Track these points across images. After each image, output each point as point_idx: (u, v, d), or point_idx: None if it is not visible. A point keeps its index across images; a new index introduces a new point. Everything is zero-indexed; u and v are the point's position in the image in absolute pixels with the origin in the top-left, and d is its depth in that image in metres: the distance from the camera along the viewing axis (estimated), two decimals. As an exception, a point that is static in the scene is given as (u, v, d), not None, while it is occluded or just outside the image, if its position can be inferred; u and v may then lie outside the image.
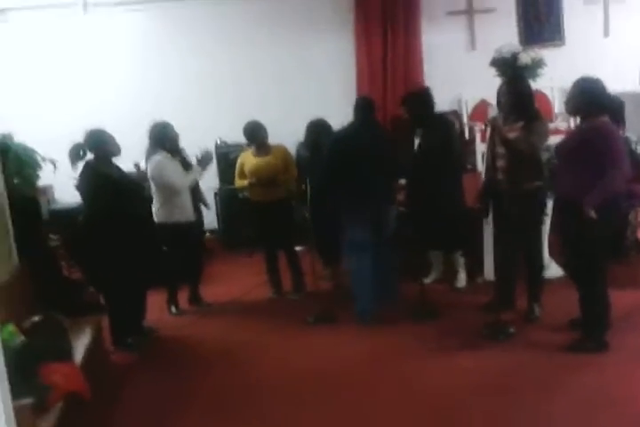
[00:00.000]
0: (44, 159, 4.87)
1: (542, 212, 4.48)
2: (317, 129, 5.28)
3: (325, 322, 4.75)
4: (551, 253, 5.18)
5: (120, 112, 7.01)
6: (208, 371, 4.15)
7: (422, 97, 5.13)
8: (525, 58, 6.16)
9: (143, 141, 5.19)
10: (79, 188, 4.32)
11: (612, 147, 3.72)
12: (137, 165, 4.75)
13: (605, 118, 3.82)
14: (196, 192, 5.32)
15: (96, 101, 7.23)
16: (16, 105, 6.86)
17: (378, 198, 4.78)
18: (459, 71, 7.37)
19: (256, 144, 5.33)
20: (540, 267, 4.59)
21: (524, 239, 4.47)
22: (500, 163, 4.42)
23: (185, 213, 5.03)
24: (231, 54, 7.48)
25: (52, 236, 5.13)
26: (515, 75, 5.69)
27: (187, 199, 5.03)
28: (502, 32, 7.33)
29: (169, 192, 4.94)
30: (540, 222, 4.54)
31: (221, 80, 7.47)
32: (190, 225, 5.08)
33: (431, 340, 4.30)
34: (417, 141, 5.10)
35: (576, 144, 3.90)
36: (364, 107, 5.00)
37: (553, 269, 5.17)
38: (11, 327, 3.22)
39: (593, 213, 3.64)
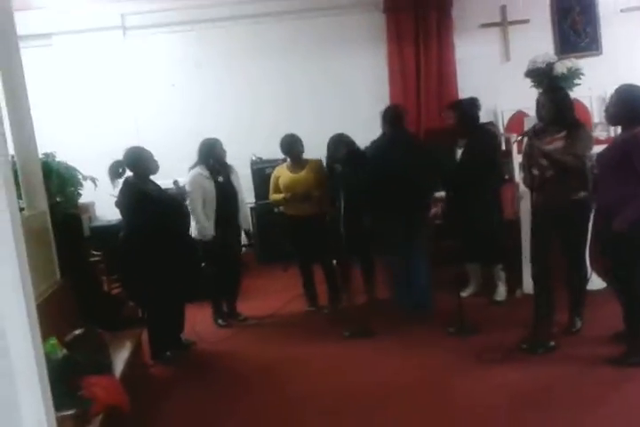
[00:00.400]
0: (85, 177, 4.99)
1: (587, 223, 4.37)
2: (335, 144, 5.24)
3: (362, 336, 4.73)
4: (593, 265, 5.07)
5: (159, 131, 7.20)
6: (246, 385, 4.16)
7: (472, 104, 5.13)
8: (561, 67, 6.07)
9: (182, 159, 5.31)
10: (119, 204, 4.42)
11: None
12: (176, 182, 4.84)
13: None
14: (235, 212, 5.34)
15: (136, 121, 7.44)
16: (58, 125, 7.08)
17: (409, 212, 4.79)
18: (494, 82, 7.34)
19: (292, 157, 5.39)
20: (584, 279, 4.49)
21: (569, 251, 4.38)
22: (543, 174, 4.27)
23: (202, 230, 5.07)
24: (266, 71, 7.61)
25: (93, 252, 5.25)
26: (552, 84, 5.63)
27: (205, 217, 5.08)
28: (537, 42, 7.29)
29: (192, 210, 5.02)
30: (585, 233, 4.44)
31: (256, 97, 7.60)
32: (216, 241, 5.10)
33: (470, 354, 4.23)
34: (459, 152, 5.06)
35: (616, 154, 3.82)
36: (393, 117, 5.05)
37: (595, 282, 5.06)
38: (53, 341, 3.29)
39: (624, 228, 3.58)
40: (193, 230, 5.11)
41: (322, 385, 4.04)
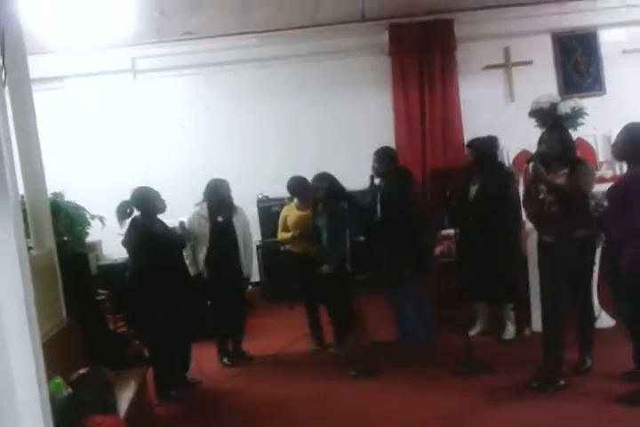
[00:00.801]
0: (92, 217, 5.04)
1: (592, 260, 4.36)
2: (316, 182, 5.32)
3: (368, 376, 4.68)
4: (602, 303, 5.02)
5: (167, 171, 7.31)
6: (251, 424, 4.12)
7: (490, 141, 5.20)
8: (564, 107, 6.17)
9: (189, 198, 5.38)
10: (125, 243, 4.45)
11: None
12: (182, 224, 4.90)
13: None
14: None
15: (144, 162, 7.56)
16: (68, 165, 7.19)
17: (406, 250, 4.93)
18: (498, 123, 7.40)
19: (299, 199, 5.43)
20: (592, 317, 4.46)
21: (576, 289, 4.33)
22: (548, 210, 4.25)
23: (197, 267, 5.13)
24: (273, 113, 7.76)
25: (99, 290, 5.26)
26: (554, 123, 5.69)
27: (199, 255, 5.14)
28: (541, 83, 7.43)
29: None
30: (591, 271, 4.42)
31: (264, 138, 7.74)
32: (213, 281, 5.13)
33: (479, 394, 4.16)
34: (474, 189, 5.09)
35: (621, 191, 3.84)
36: (386, 158, 5.23)
37: (604, 320, 5.01)
38: (58, 380, 3.27)
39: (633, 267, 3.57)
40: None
41: (328, 424, 3.99)
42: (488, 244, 4.88)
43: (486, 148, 5.17)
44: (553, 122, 6.03)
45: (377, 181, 5.24)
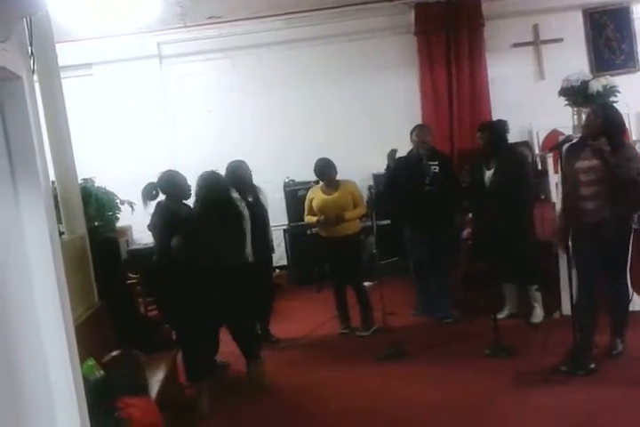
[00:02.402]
0: (122, 202, 5.10)
1: (628, 240, 4.21)
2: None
3: (396, 358, 4.70)
4: (634, 285, 4.94)
5: (195, 156, 7.32)
6: (279, 406, 4.17)
7: (500, 126, 5.16)
8: (596, 85, 6.00)
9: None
10: (150, 227, 4.46)
11: None
12: None
13: None
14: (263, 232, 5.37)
15: (172, 147, 7.60)
16: (97, 151, 7.26)
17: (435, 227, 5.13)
18: (528, 102, 7.32)
19: (325, 181, 5.43)
20: (627, 299, 4.38)
21: (612, 270, 4.23)
22: (588, 190, 4.11)
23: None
24: (300, 96, 7.73)
25: (130, 274, 5.34)
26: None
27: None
28: (572, 61, 7.27)
29: None
30: (627, 251, 4.29)
31: (291, 121, 7.71)
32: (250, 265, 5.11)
33: (508, 376, 4.14)
34: (488, 173, 5.06)
35: None
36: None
37: (637, 302, 4.94)
38: (91, 362, 3.35)
39: None
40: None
41: (356, 407, 4.02)
42: (504, 226, 4.84)
43: (496, 131, 5.15)
44: (584, 100, 5.90)
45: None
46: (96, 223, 4.65)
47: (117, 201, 5.05)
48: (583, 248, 4.22)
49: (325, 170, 5.38)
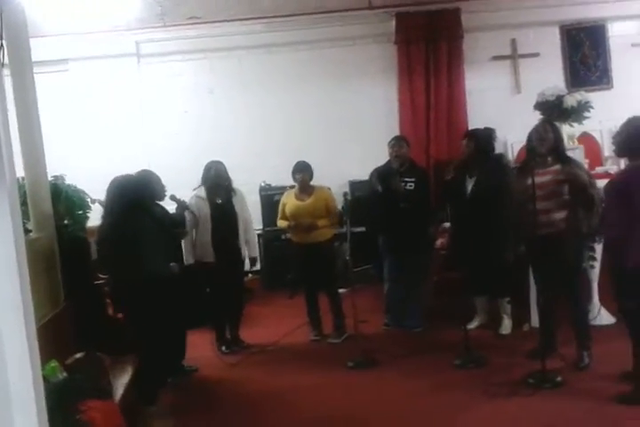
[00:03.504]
0: (93, 201, 5.00)
1: (580, 254, 4.37)
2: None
3: (366, 366, 4.67)
4: (602, 299, 5.00)
5: (169, 156, 7.25)
6: (248, 413, 4.11)
7: (488, 135, 5.17)
8: (571, 100, 6.09)
9: (190, 184, 5.35)
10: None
11: None
12: (172, 197, 4.82)
13: None
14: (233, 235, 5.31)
15: (147, 146, 7.50)
16: (70, 148, 7.16)
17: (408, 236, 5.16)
18: (504, 115, 7.38)
19: (299, 182, 5.40)
20: (584, 312, 4.45)
21: (569, 283, 4.34)
22: (542, 205, 4.22)
23: (200, 252, 5.10)
24: (278, 100, 7.70)
25: (100, 275, 5.22)
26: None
27: (203, 239, 5.11)
28: (548, 76, 7.37)
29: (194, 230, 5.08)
30: (580, 264, 4.40)
31: (268, 124, 7.69)
32: (212, 265, 5.10)
33: (476, 387, 4.15)
34: (469, 181, 5.05)
35: (624, 184, 3.78)
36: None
37: (604, 317, 4.99)
38: (54, 364, 3.26)
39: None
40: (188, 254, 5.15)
41: (325, 415, 3.98)
42: (483, 237, 4.84)
43: (484, 139, 5.14)
44: (559, 115, 5.98)
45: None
46: (66, 222, 4.55)
47: (88, 200, 4.95)
48: (538, 261, 4.37)
49: (303, 170, 5.35)
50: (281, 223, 5.51)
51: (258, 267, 7.22)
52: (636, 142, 3.71)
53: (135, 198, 4.15)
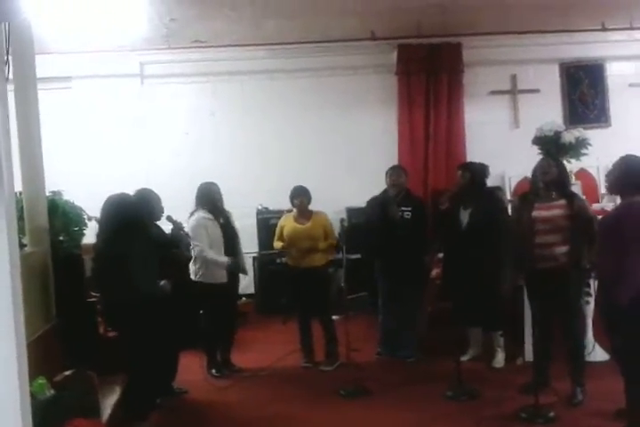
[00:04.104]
0: (90, 218, 4.98)
1: (579, 290, 4.37)
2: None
3: (358, 395, 4.62)
4: (596, 336, 4.97)
5: (168, 176, 7.24)
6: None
7: (483, 167, 5.24)
8: (569, 137, 6.18)
9: (188, 205, 5.33)
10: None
11: (638, 228, 3.57)
12: (169, 218, 4.80)
13: None
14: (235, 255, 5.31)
15: (146, 166, 7.50)
16: (70, 165, 7.15)
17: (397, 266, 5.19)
18: (502, 148, 7.46)
19: (296, 206, 5.41)
20: (580, 347, 4.43)
21: (568, 317, 4.35)
22: (544, 239, 4.29)
23: (212, 275, 5.06)
24: (278, 125, 7.76)
25: (93, 293, 5.17)
26: (555, 152, 5.71)
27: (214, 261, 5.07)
28: (547, 112, 7.45)
29: (199, 251, 5.04)
30: (578, 300, 4.40)
31: (267, 149, 7.72)
32: (221, 287, 5.08)
33: (466, 421, 4.09)
34: (464, 213, 5.06)
35: (617, 221, 3.78)
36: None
37: (599, 353, 4.96)
38: (42, 380, 3.21)
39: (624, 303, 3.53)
40: (199, 275, 5.10)
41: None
42: (477, 269, 4.83)
43: (478, 172, 5.19)
44: (556, 150, 6.04)
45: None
46: (61, 238, 4.51)
47: (85, 217, 4.92)
48: (536, 294, 4.39)
49: (301, 195, 5.37)
50: (277, 244, 5.49)
51: (252, 291, 7.22)
52: (628, 180, 3.72)
53: (128, 217, 4.11)
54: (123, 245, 4.01)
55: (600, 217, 4.20)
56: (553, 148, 6.10)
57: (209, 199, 5.18)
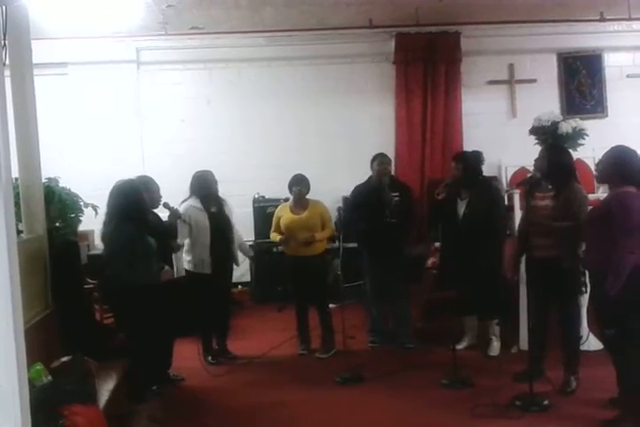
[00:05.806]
0: (86, 205, 4.98)
1: (578, 280, 4.36)
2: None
3: (354, 383, 4.64)
4: (590, 325, 5.00)
5: (165, 163, 7.22)
6: (229, 425, 4.06)
7: (476, 157, 5.21)
8: (566, 127, 6.16)
9: (184, 192, 5.32)
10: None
11: (626, 218, 3.58)
12: (166, 204, 4.79)
13: (631, 188, 3.67)
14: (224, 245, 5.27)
15: (143, 152, 7.48)
16: (66, 151, 7.13)
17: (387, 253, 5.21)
18: (499, 138, 7.46)
19: (294, 194, 5.40)
20: (575, 336, 4.45)
21: (561, 307, 4.38)
22: (538, 228, 4.32)
23: (198, 264, 5.06)
24: (276, 113, 7.73)
25: (89, 280, 5.18)
26: (554, 143, 5.71)
27: (201, 250, 5.06)
28: (544, 102, 7.45)
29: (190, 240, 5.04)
30: (577, 290, 4.41)
31: (265, 137, 7.71)
32: (207, 276, 5.06)
33: (462, 408, 4.10)
34: (461, 203, 5.07)
35: (602, 213, 3.79)
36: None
37: (593, 342, 4.99)
38: (39, 367, 3.21)
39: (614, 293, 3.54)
40: (186, 264, 5.10)
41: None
42: (474, 258, 4.84)
43: (471, 162, 5.17)
44: (553, 141, 6.03)
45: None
46: (57, 224, 4.52)
47: (81, 203, 4.92)
48: (534, 282, 4.39)
49: (300, 183, 5.35)
50: (274, 237, 5.48)
51: (248, 279, 7.23)
52: (617, 170, 3.72)
53: (138, 204, 4.15)
54: (133, 231, 4.05)
55: (590, 207, 4.20)
56: (550, 138, 6.09)
57: (202, 187, 5.15)
